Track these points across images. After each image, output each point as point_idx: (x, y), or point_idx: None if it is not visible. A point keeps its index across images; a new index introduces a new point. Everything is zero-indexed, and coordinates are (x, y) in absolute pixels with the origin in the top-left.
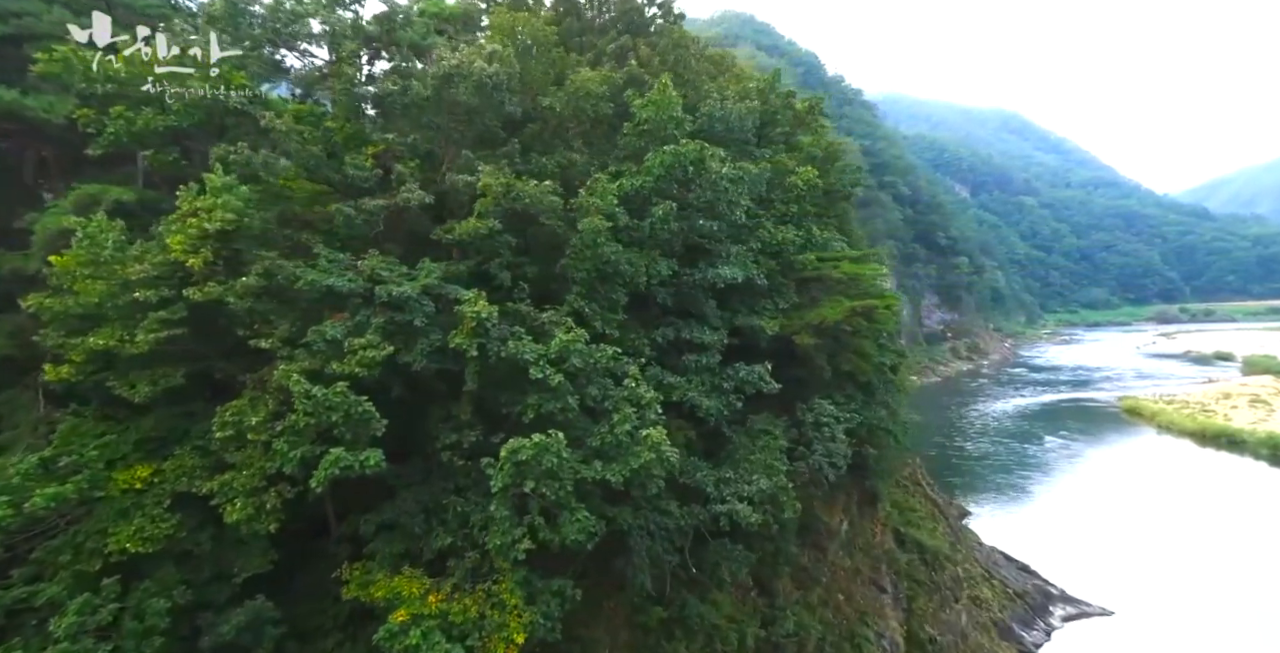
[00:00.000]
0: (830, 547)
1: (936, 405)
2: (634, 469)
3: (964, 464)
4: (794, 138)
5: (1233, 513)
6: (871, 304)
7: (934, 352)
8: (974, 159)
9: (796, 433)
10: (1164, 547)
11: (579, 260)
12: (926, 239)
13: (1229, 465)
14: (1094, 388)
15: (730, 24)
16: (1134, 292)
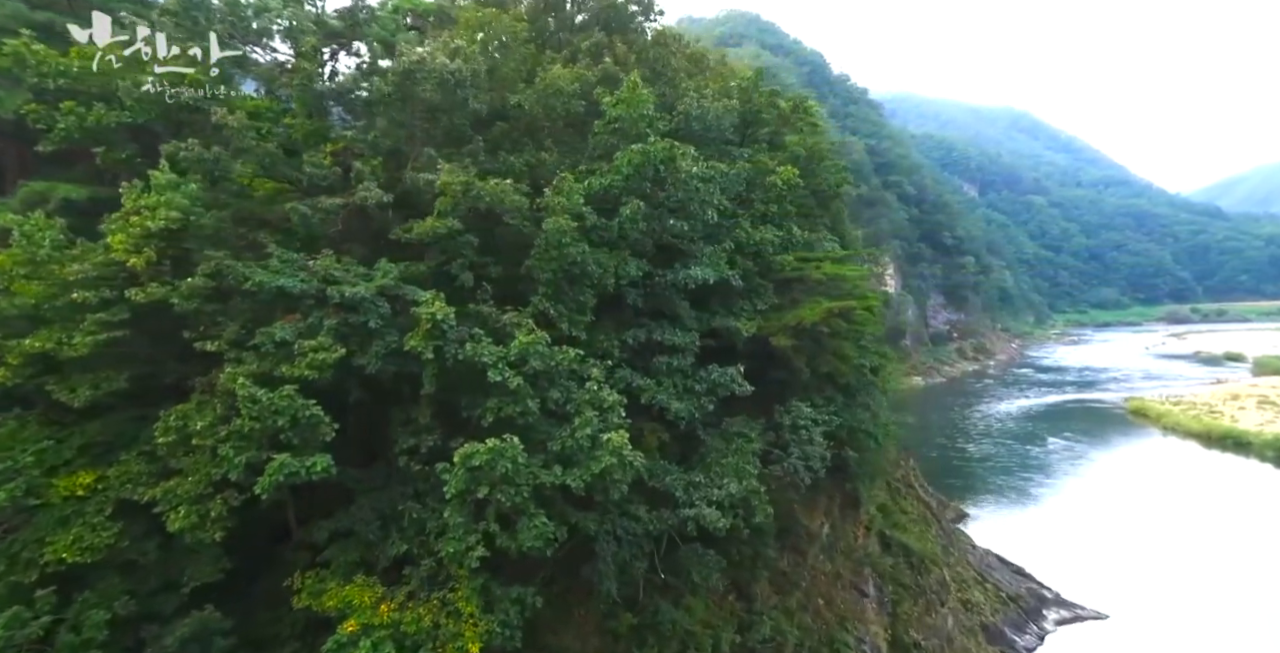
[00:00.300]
0: (810, 551)
1: (940, 406)
2: (595, 474)
3: (965, 466)
4: (780, 137)
5: (1235, 516)
6: (849, 305)
7: (939, 352)
8: (982, 158)
9: (773, 436)
10: (1164, 550)
11: (544, 261)
12: (932, 239)
13: (1234, 468)
14: (1100, 389)
15: (735, 23)
16: (1145, 292)
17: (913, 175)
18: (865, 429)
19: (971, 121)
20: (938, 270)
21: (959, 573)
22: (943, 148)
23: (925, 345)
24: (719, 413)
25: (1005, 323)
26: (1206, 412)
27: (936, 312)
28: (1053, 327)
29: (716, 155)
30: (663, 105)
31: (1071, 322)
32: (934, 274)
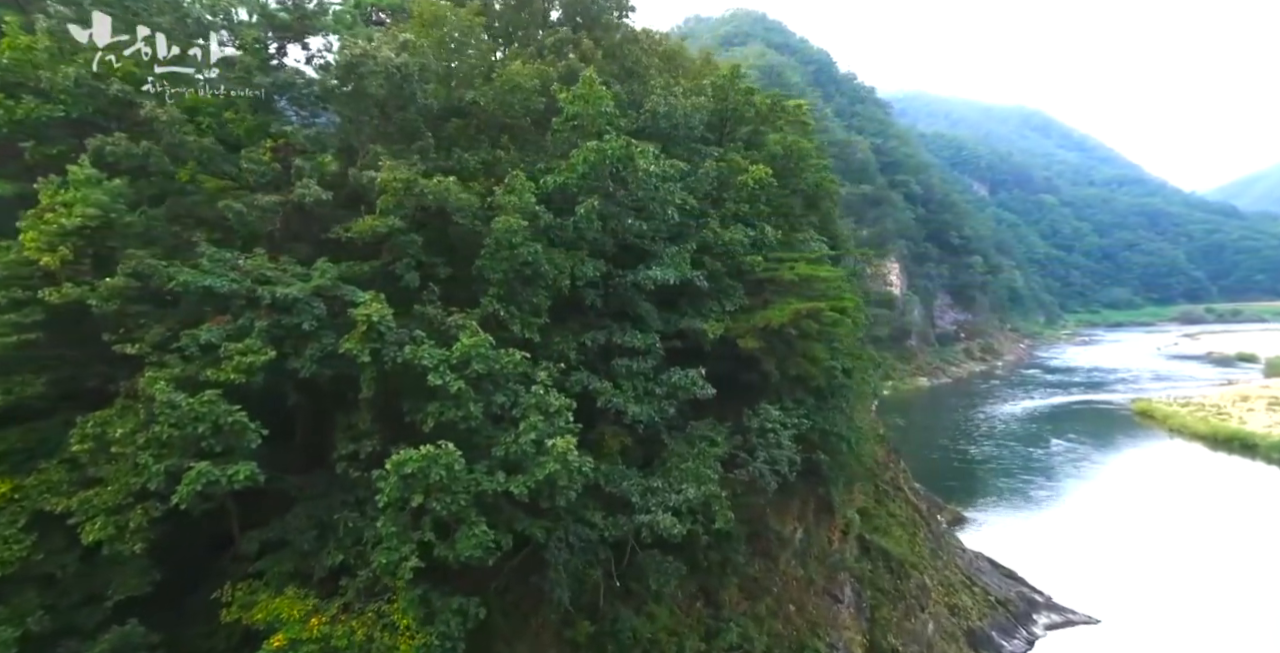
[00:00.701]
0: (782, 556)
1: (945, 407)
2: (539, 481)
3: (966, 468)
4: (760, 136)
5: (1236, 520)
6: (817, 307)
7: (946, 352)
8: (993, 157)
9: (740, 439)
10: (1163, 554)
11: (495, 261)
12: (939, 238)
13: (1239, 470)
14: (1108, 390)
15: (741, 22)
16: (1158, 291)
17: (919, 174)
18: (838, 432)
19: (982, 120)
20: (945, 270)
21: (946, 577)
22: (953, 147)
23: (932, 346)
24: (687, 416)
25: (1015, 323)
26: (1214, 413)
27: (943, 312)
28: (1064, 327)
29: (686, 154)
30: (632, 103)
31: (1083, 322)
32: (941, 274)
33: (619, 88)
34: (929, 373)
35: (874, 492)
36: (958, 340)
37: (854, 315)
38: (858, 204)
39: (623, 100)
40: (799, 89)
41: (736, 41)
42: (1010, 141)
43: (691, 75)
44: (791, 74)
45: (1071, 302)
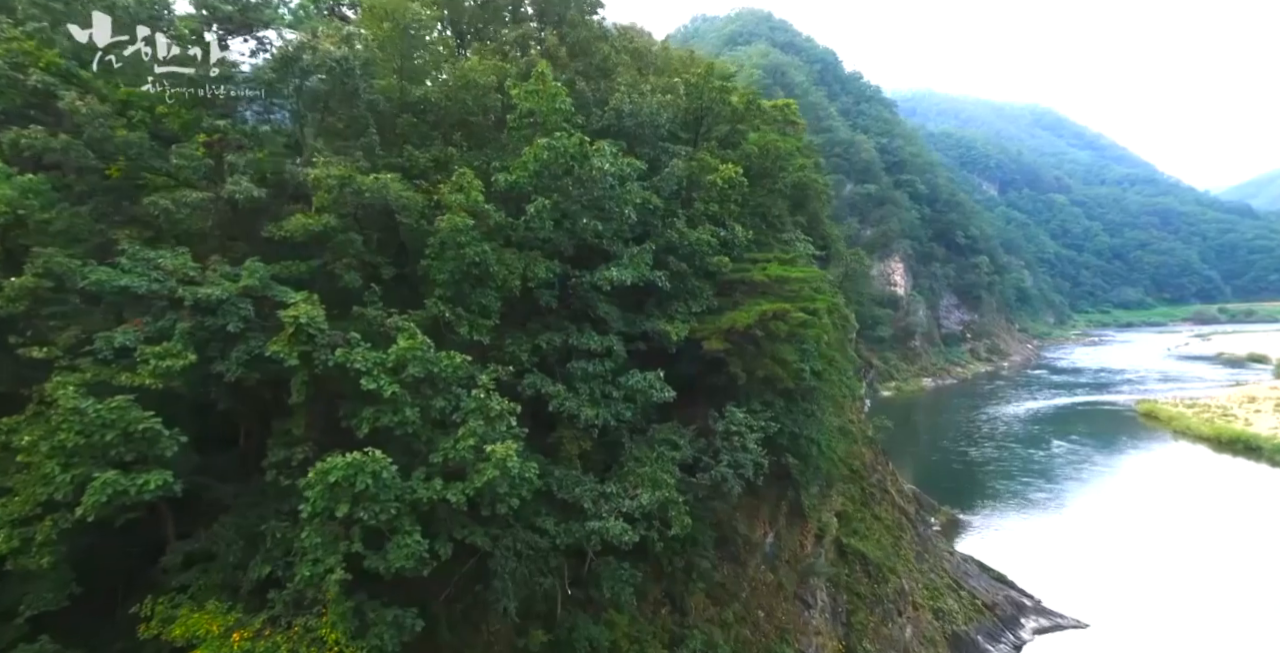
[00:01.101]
0: (751, 561)
1: (947, 408)
2: (478, 488)
3: (965, 470)
4: (737, 135)
5: (1234, 523)
6: (783, 308)
7: (951, 353)
8: (1002, 156)
9: (704, 443)
10: (1158, 558)
11: (441, 262)
12: (945, 238)
13: (1241, 473)
14: (1113, 391)
15: (746, 22)
16: (1170, 291)
17: (925, 174)
18: (808, 435)
19: (993, 119)
20: (951, 270)
21: (932, 581)
22: (962, 146)
23: (937, 346)
24: (652, 418)
25: (1023, 323)
26: (1220, 415)
27: (949, 312)
28: (1073, 327)
29: (653, 153)
30: (599, 100)
31: (1093, 322)
32: (947, 274)
33: (584, 85)
34: (933, 374)
35: (860, 494)
36: (963, 341)
37: (828, 317)
38: (862, 204)
39: (588, 98)
40: (802, 88)
41: (741, 41)
42: (1021, 140)
43: (668, 73)
44: (795, 73)
45: (1082, 302)
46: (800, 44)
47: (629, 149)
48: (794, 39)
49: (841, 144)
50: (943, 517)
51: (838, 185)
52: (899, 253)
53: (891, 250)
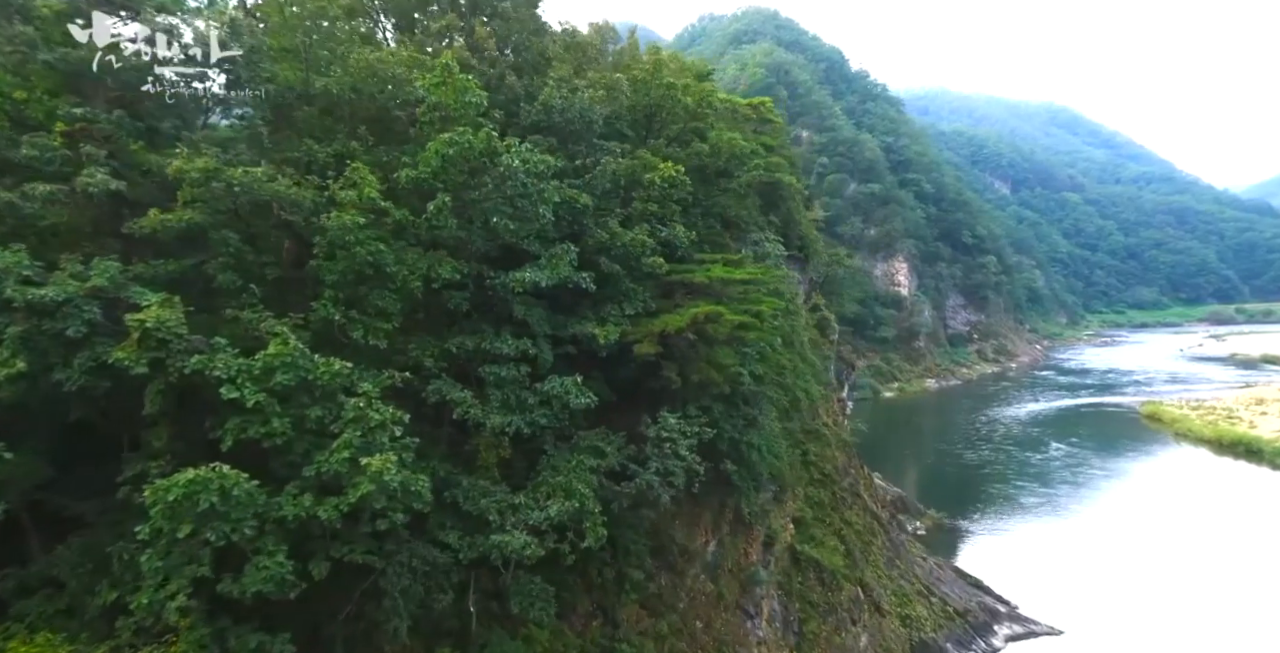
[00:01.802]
0: (690, 570)
1: (948, 409)
2: (352, 504)
3: (960, 472)
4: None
5: (1226, 528)
6: (717, 311)
7: (957, 354)
8: (1015, 155)
9: (635, 449)
10: (1143, 563)
11: (331, 261)
12: (951, 238)
13: (1239, 476)
14: (1119, 393)
15: (751, 20)
16: (1186, 291)
17: (931, 173)
18: (748, 441)
19: (1007, 117)
20: (957, 270)
21: (901, 587)
22: (973, 144)
23: (942, 347)
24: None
25: (1034, 323)
26: (1225, 417)
27: (955, 312)
28: (1086, 327)
29: (587, 151)
30: (529, 96)
31: (1107, 322)
32: (953, 274)
33: (513, 80)
34: (937, 375)
35: (830, 499)
36: (970, 341)
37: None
38: (866, 203)
39: (518, 93)
40: (806, 87)
41: (746, 39)
42: (1034, 139)
43: (620, 70)
44: (799, 72)
45: (1095, 302)
46: (806, 42)
47: (561, 146)
48: (800, 37)
49: (845, 143)
50: (928, 521)
51: (841, 184)
52: (903, 253)
53: (895, 250)
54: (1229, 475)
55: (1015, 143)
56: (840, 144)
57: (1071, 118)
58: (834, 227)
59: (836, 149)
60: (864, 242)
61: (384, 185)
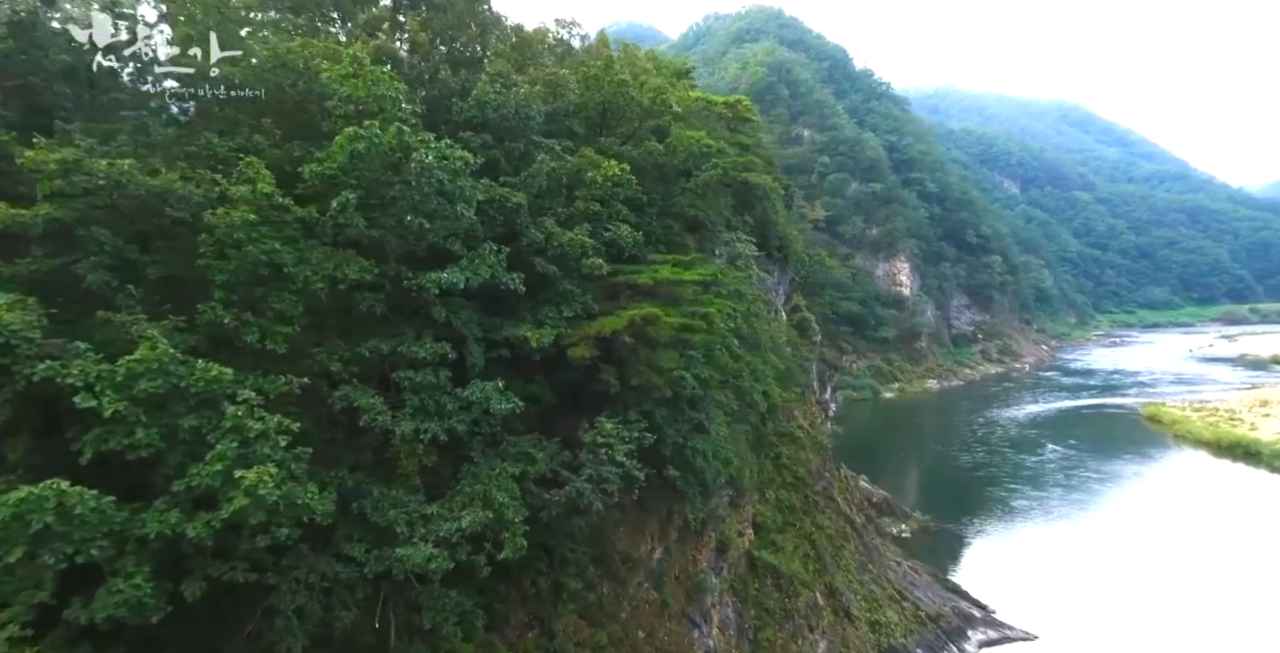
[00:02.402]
0: (633, 579)
1: (948, 410)
2: (225, 519)
3: (953, 474)
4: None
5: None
6: (654, 313)
7: (961, 354)
8: (1024, 153)
9: (570, 455)
10: (1127, 567)
11: (221, 260)
12: (956, 237)
13: (1235, 478)
14: (1122, 394)
15: (754, 19)
16: (1199, 291)
17: (935, 172)
18: (693, 446)
19: (1017, 116)
20: (961, 270)
21: (872, 592)
22: (982, 143)
23: (945, 347)
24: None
25: (1042, 323)
26: (1227, 419)
27: (959, 312)
28: (1096, 328)
29: (524, 147)
30: (464, 91)
31: (1117, 322)
32: (957, 274)
33: (447, 74)
34: (939, 375)
35: (802, 502)
36: (974, 342)
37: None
38: (867, 202)
39: (452, 88)
40: (808, 86)
41: (749, 38)
42: (1045, 138)
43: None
44: (800, 70)
45: (1105, 302)
46: (810, 41)
47: (497, 143)
48: (803, 36)
49: (847, 142)
50: (914, 524)
51: (842, 184)
52: (905, 252)
53: (897, 250)
54: (1224, 478)
55: (1025, 141)
56: (842, 143)
57: (1084, 116)
58: (835, 226)
59: (838, 148)
60: (865, 241)
61: (304, 182)
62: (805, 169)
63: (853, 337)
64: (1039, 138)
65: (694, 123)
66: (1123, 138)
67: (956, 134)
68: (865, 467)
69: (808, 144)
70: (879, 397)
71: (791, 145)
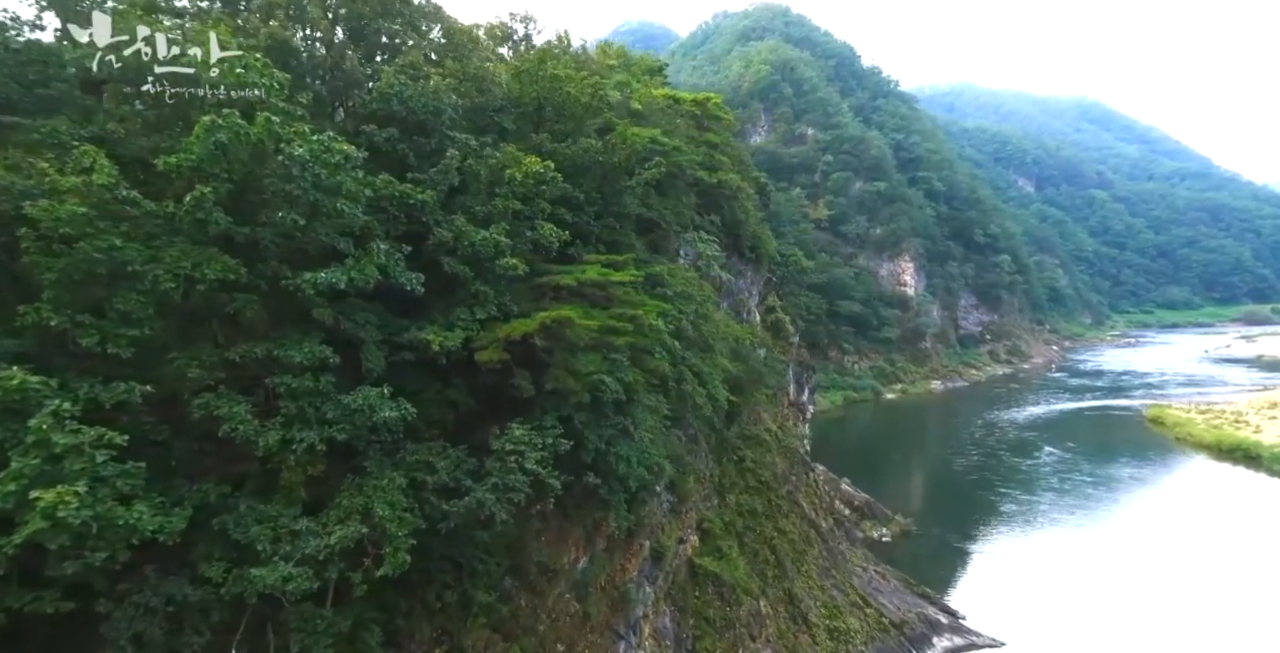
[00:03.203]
0: (552, 590)
1: (949, 412)
2: (18, 545)
3: (944, 476)
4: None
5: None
6: (565, 316)
7: (968, 355)
8: (1040, 151)
9: (477, 463)
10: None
11: (48, 258)
12: (964, 236)
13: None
14: (1129, 395)
15: (760, 17)
16: (1220, 290)
17: (943, 171)
18: (617, 452)
19: (1035, 113)
20: (969, 269)
21: (833, 598)
22: (997, 141)
23: (952, 348)
24: (424, 436)
25: (1055, 324)
26: (1231, 421)
27: (967, 312)
28: (1112, 328)
29: (437, 143)
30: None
31: (1134, 323)
32: (965, 273)
33: (352, 65)
34: (944, 376)
35: (765, 507)
36: (982, 342)
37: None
38: (871, 202)
39: (358, 78)
40: (811, 84)
41: (754, 36)
42: (1063, 135)
43: (473, 57)
44: (805, 68)
45: (1123, 302)
46: (816, 39)
47: (405, 137)
48: (810, 34)
49: (851, 141)
50: (895, 527)
51: (846, 183)
52: (909, 252)
53: (901, 249)
54: (1219, 482)
55: (1041, 139)
56: (845, 142)
57: (1104, 113)
58: (838, 226)
59: (841, 147)
60: (869, 241)
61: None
62: (808, 168)
63: (855, 337)
64: (1056, 136)
65: (655, 121)
66: (1143, 135)
67: (971, 132)
68: (855, 468)
69: (811, 143)
70: (880, 397)
71: (795, 144)
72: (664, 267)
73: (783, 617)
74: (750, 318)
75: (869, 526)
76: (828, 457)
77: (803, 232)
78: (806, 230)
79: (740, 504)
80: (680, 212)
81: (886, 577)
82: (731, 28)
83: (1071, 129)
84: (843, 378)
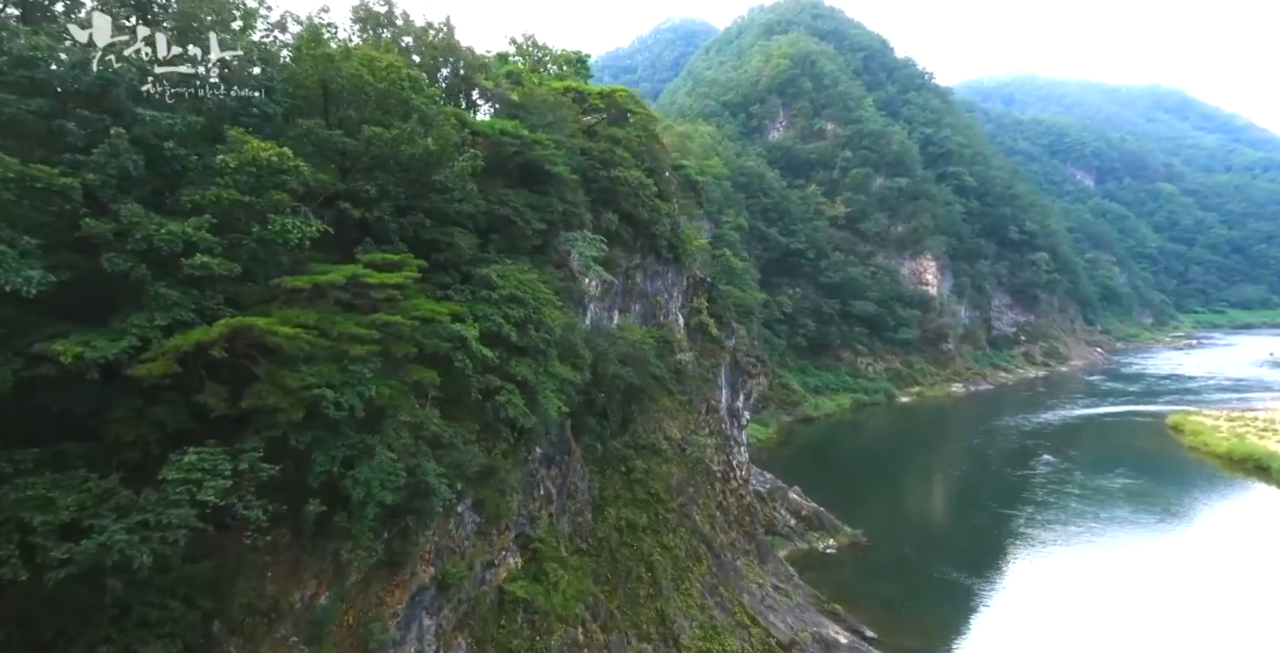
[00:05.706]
0: (274, 633)
1: (960, 417)
2: None
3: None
4: (393, 118)
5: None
6: (248, 323)
7: (999, 356)
8: (1100, 143)
9: (130, 496)
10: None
11: None
12: (997, 233)
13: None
14: (1161, 401)
15: (786, 10)
16: None
17: (975, 165)
18: (354, 476)
19: (1103, 103)
20: (1002, 268)
21: (713, 618)
22: (1053, 133)
23: (980, 349)
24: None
25: (1108, 324)
26: (1259, 430)
27: (1001, 312)
28: (1175, 329)
29: (111, 121)
30: None
31: (1203, 323)
32: (997, 272)
33: None
34: (966, 379)
35: (651, 520)
36: (1017, 344)
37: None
38: (892, 198)
39: None
40: (832, 78)
41: (779, 30)
42: (1132, 125)
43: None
44: (826, 62)
45: (1190, 300)
46: (846, 31)
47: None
48: (840, 26)
49: (871, 136)
50: (843, 539)
51: (866, 179)
52: (932, 250)
53: (924, 247)
54: (1221, 494)
55: (1104, 131)
56: (866, 136)
57: (1181, 101)
58: (856, 223)
59: (862, 142)
60: (890, 239)
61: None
62: (826, 164)
63: (869, 338)
64: (1123, 126)
65: (540, 114)
66: (1225, 123)
67: (1025, 124)
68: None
69: (830, 138)
70: (893, 401)
71: (813, 140)
72: (494, 268)
73: (654, 640)
74: (669, 321)
75: (815, 536)
76: (807, 461)
77: (814, 230)
78: (819, 228)
79: (620, 518)
80: (548, 208)
81: (792, 594)
82: (761, 22)
83: (1143, 119)
84: (854, 380)
